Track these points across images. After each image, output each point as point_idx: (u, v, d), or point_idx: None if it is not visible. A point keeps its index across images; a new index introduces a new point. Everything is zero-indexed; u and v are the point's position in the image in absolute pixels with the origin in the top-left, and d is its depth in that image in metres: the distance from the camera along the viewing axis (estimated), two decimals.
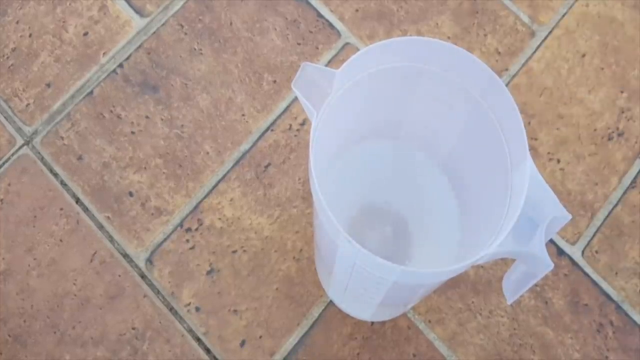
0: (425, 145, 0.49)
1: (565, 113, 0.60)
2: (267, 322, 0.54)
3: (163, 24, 0.62)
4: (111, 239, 0.56)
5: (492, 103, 0.39)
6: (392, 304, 0.47)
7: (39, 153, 0.58)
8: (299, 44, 0.62)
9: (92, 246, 0.56)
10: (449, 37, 0.62)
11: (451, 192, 0.49)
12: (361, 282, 0.40)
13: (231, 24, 0.62)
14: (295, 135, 0.59)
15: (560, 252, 0.56)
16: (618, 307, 0.55)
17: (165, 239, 0.56)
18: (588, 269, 0.56)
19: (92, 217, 0.57)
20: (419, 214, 0.51)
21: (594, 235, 0.57)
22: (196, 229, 0.57)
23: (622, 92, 0.61)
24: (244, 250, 0.56)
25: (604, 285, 0.55)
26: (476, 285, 0.55)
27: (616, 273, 0.56)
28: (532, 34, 0.62)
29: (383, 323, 0.54)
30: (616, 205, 0.58)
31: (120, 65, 0.61)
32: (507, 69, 0.61)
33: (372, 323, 0.54)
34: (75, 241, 0.56)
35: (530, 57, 0.62)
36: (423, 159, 0.50)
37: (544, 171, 0.58)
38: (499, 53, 0.62)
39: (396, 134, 0.48)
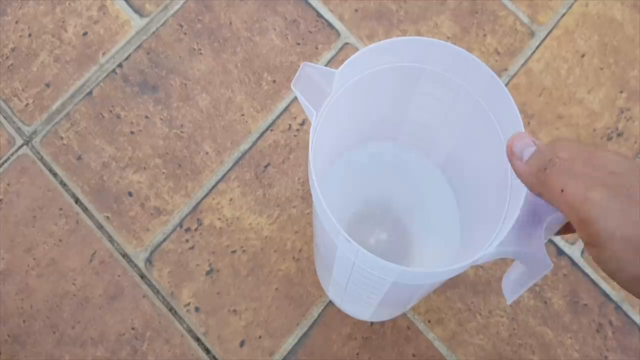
0: (424, 146, 0.49)
1: (564, 113, 0.60)
2: (267, 322, 0.54)
3: (162, 24, 0.62)
4: (110, 239, 0.56)
5: (492, 103, 0.39)
6: (392, 304, 0.47)
7: (39, 153, 0.58)
8: (298, 43, 0.62)
9: (92, 246, 0.56)
10: (448, 37, 0.62)
11: (450, 192, 0.49)
12: (361, 282, 0.40)
13: (230, 23, 0.62)
14: (295, 136, 0.59)
15: (560, 252, 0.56)
16: (617, 307, 0.55)
17: (164, 239, 0.56)
18: (587, 269, 0.56)
19: (92, 217, 0.57)
20: (419, 215, 0.51)
21: None
22: (196, 229, 0.57)
23: (621, 92, 0.61)
24: (244, 251, 0.56)
25: (603, 285, 0.55)
26: (476, 285, 0.55)
27: None
28: (532, 34, 0.62)
29: (383, 323, 0.54)
30: None
31: (120, 65, 0.61)
32: (506, 69, 0.61)
33: (372, 323, 0.54)
34: (75, 241, 0.56)
35: (529, 57, 0.62)
36: (423, 159, 0.50)
37: None
38: (499, 53, 0.62)
39: (396, 134, 0.48)
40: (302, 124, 0.59)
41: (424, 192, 0.50)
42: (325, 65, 0.61)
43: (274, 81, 0.60)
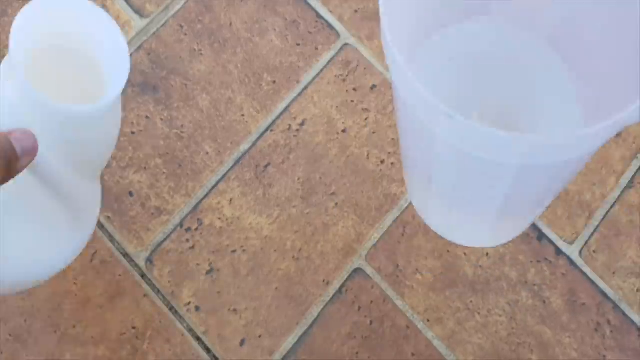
0: (524, 15, 0.40)
1: None
2: (267, 322, 0.55)
3: (163, 25, 0.62)
4: (111, 239, 0.57)
5: None
6: (516, 214, 0.37)
7: None
8: (298, 44, 0.62)
9: (93, 246, 0.56)
10: None
11: (563, 66, 0.40)
12: (472, 182, 0.31)
13: (231, 24, 0.62)
14: (295, 136, 0.59)
15: (558, 251, 0.56)
16: (616, 307, 0.55)
17: (165, 239, 0.57)
18: (586, 269, 0.56)
19: None
20: (529, 100, 0.42)
21: (591, 235, 0.57)
22: (196, 229, 0.57)
23: None
24: (244, 250, 0.56)
25: (602, 284, 0.56)
26: (474, 284, 0.56)
27: (614, 272, 0.56)
28: None
29: (382, 323, 0.55)
30: (614, 205, 0.58)
31: None
32: None
33: (371, 322, 0.55)
34: None
35: None
36: (526, 33, 0.41)
37: None
38: None
39: (487, 7, 0.40)
40: (302, 124, 0.59)
41: (530, 73, 0.41)
42: (325, 66, 0.61)
43: (274, 82, 0.61)
